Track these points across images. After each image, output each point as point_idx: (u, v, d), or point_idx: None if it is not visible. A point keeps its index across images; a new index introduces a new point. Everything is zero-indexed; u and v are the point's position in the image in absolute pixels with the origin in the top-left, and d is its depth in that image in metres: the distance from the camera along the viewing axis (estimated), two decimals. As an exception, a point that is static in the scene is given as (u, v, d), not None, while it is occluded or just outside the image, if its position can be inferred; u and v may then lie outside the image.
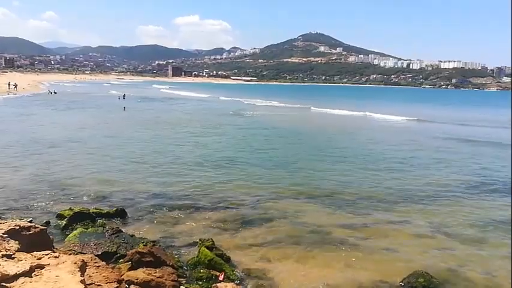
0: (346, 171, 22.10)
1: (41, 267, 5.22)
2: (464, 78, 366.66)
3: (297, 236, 12.56)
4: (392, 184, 19.51)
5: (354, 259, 11.07)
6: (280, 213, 14.64)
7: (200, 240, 10.96)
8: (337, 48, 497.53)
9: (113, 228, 11.47)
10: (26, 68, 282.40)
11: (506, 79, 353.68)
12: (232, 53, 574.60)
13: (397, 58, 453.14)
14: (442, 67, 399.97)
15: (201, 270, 9.63)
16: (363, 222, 14.14)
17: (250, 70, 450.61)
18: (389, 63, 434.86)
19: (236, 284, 8.89)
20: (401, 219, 14.58)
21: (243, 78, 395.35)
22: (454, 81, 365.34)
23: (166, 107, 65.95)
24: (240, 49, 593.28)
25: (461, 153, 29.36)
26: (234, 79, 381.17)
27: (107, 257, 9.74)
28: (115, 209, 13.64)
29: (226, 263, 10.08)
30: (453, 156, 27.99)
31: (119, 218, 13.22)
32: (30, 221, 9.38)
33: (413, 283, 9.69)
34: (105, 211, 13.41)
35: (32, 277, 4.97)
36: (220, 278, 9.27)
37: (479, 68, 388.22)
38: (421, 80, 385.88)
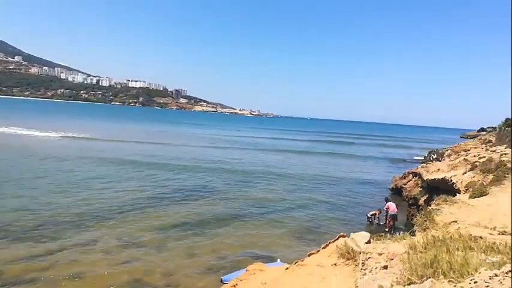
0: (28, 196, 19.84)
1: None
2: (150, 97, 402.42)
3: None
4: (75, 204, 19.12)
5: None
6: None
7: None
8: (16, 57, 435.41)
9: None
10: None
11: (182, 100, 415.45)
12: None
13: (86, 74, 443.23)
14: (130, 85, 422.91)
15: None
16: (49, 250, 13.16)
17: None
18: (79, 78, 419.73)
19: None
20: (91, 239, 14.55)
21: None
22: (141, 99, 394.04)
23: None
24: None
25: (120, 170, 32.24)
26: None
27: None
28: None
29: None
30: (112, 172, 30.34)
31: None
32: None
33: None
34: None
35: None
36: None
37: (162, 89, 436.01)
38: (111, 97, 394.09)
